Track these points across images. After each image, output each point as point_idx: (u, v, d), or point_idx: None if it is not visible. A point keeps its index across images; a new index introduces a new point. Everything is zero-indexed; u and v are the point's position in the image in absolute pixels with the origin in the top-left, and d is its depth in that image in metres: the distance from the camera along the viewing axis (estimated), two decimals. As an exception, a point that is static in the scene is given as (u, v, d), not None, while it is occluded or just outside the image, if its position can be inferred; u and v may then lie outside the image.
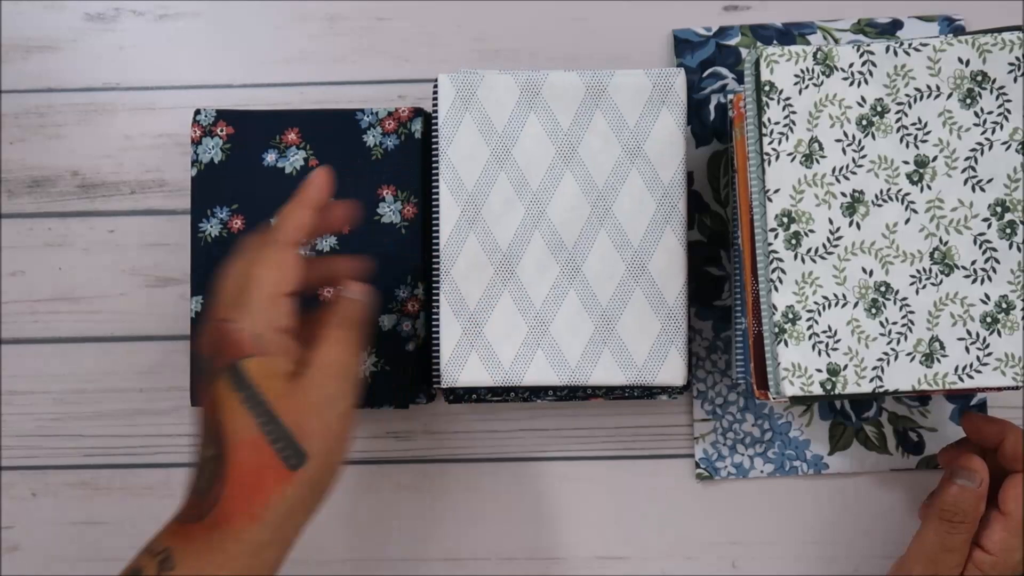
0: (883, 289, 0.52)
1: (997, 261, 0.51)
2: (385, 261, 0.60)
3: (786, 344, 0.51)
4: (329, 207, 0.52)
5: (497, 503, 0.63)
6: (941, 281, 0.51)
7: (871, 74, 0.52)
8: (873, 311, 0.51)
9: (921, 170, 0.52)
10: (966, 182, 0.51)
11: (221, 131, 0.60)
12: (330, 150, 0.61)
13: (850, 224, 0.52)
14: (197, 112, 0.61)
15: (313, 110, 0.61)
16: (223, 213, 0.60)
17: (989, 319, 0.51)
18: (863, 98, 0.52)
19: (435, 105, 0.58)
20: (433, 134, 0.59)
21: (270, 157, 0.60)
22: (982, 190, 0.51)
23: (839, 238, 0.52)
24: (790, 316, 0.52)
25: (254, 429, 0.46)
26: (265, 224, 0.60)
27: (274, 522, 0.46)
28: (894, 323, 0.51)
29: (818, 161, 0.52)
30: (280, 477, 0.46)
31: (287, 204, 0.51)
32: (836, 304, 0.52)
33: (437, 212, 0.58)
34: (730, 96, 0.61)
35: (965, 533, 0.52)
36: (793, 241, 0.52)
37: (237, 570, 0.46)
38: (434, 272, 0.59)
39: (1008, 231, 0.51)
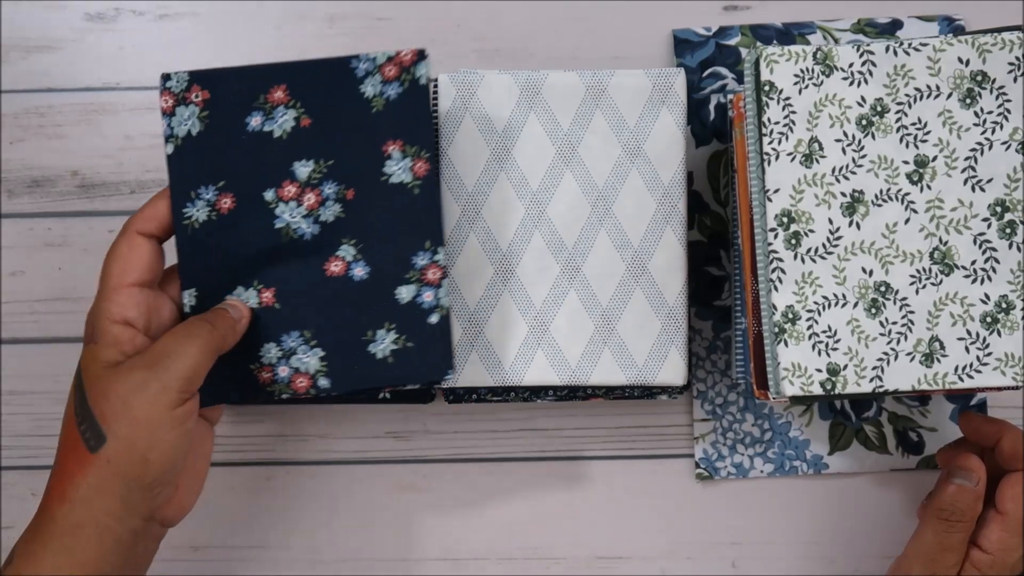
0: (883, 289, 0.52)
1: (997, 261, 0.51)
2: (397, 226, 0.53)
3: (786, 344, 0.51)
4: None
5: (497, 503, 0.63)
6: (941, 281, 0.51)
7: (871, 74, 0.52)
8: (873, 311, 0.51)
9: (921, 170, 0.52)
10: (966, 182, 0.51)
11: (196, 97, 0.53)
12: (323, 106, 0.53)
13: (850, 224, 0.52)
14: (166, 78, 0.53)
15: (301, 61, 0.54)
16: (209, 193, 0.53)
17: (989, 319, 0.51)
18: (863, 98, 0.52)
19: (435, 105, 0.58)
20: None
21: (255, 121, 0.53)
22: (982, 190, 0.51)
23: (839, 238, 0.52)
24: (790, 316, 0.52)
25: (70, 410, 0.48)
26: (258, 200, 0.53)
27: (80, 503, 0.46)
28: (894, 323, 0.51)
29: (818, 161, 0.52)
30: (81, 457, 0.47)
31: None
32: (836, 304, 0.52)
33: None
34: (730, 96, 0.61)
35: (963, 532, 0.52)
36: (793, 241, 0.52)
37: (53, 550, 0.46)
38: None
39: (1008, 231, 0.51)
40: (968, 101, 0.52)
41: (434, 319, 0.53)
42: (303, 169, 0.54)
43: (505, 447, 0.63)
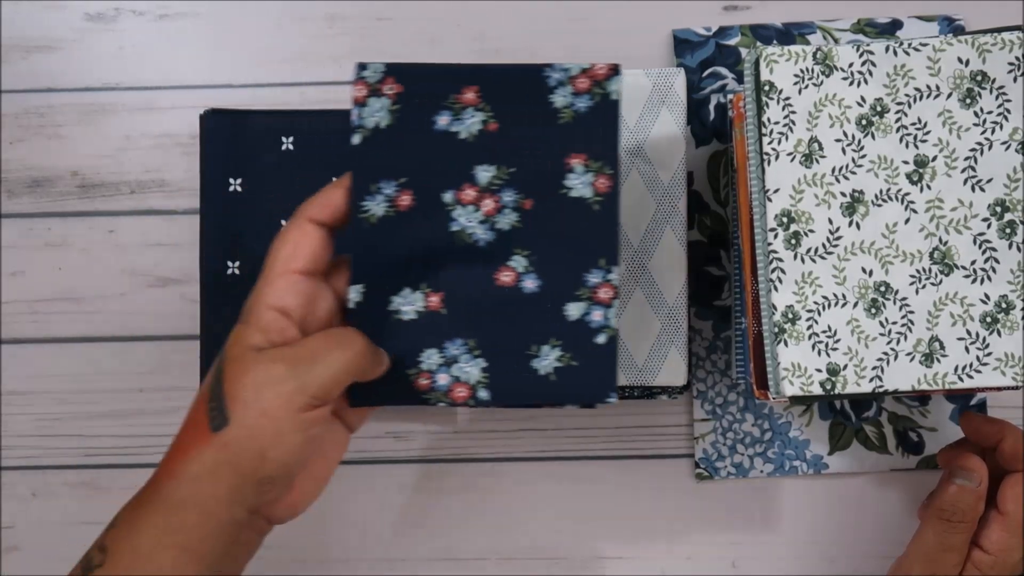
0: (883, 289, 0.52)
1: (997, 261, 0.51)
2: (573, 241, 0.52)
3: (786, 344, 0.51)
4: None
5: (497, 503, 0.63)
6: (941, 281, 0.51)
7: (871, 74, 0.52)
8: (873, 311, 0.51)
9: (921, 170, 0.52)
10: (966, 182, 0.51)
11: (389, 89, 0.52)
12: (512, 111, 0.52)
13: (850, 224, 0.52)
14: (362, 67, 0.52)
15: (495, 64, 0.53)
16: (389, 188, 0.51)
17: (989, 319, 0.51)
18: (863, 98, 0.52)
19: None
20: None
21: (443, 120, 0.52)
22: (982, 190, 0.51)
23: (839, 238, 0.52)
24: (790, 316, 0.52)
25: (205, 388, 0.46)
26: (436, 200, 0.52)
27: (189, 480, 0.45)
28: (894, 323, 0.51)
29: (818, 161, 0.52)
30: (201, 434, 0.45)
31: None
32: (836, 304, 0.52)
33: None
34: (730, 96, 0.61)
35: (964, 533, 0.52)
36: (793, 241, 0.52)
37: (155, 524, 0.45)
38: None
39: (1008, 231, 0.51)
40: (968, 101, 0.52)
41: (601, 339, 0.51)
42: (485, 174, 0.52)
43: (505, 447, 0.63)
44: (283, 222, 0.61)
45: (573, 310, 0.51)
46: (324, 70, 0.65)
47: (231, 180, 0.62)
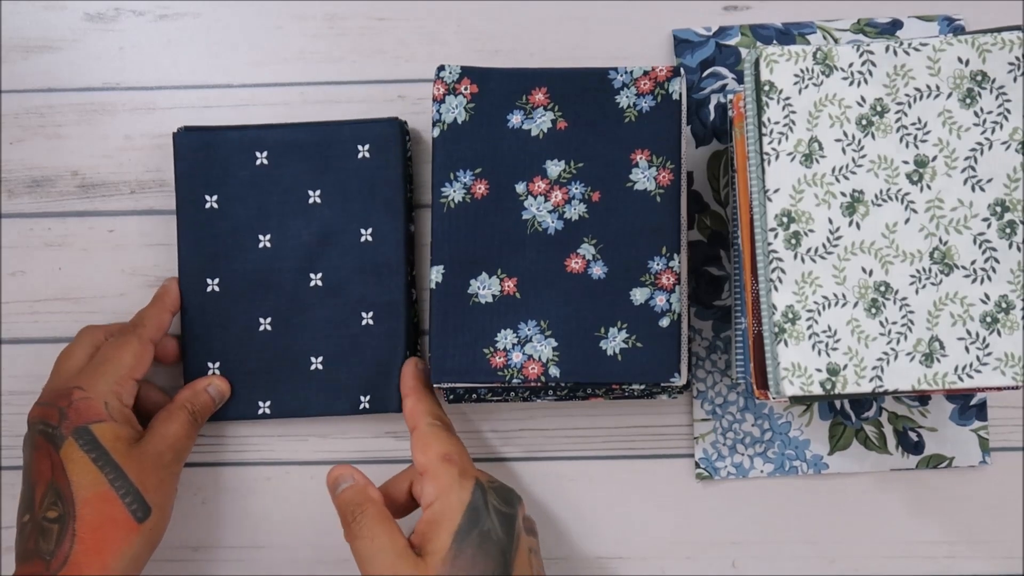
0: (883, 289, 0.52)
1: (997, 261, 0.51)
2: (638, 230, 0.56)
3: (786, 344, 0.51)
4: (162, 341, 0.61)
5: (497, 503, 0.63)
6: (941, 281, 0.51)
7: (871, 74, 0.52)
8: (873, 311, 0.51)
9: (921, 170, 0.52)
10: (966, 182, 0.51)
11: (465, 89, 0.57)
12: (579, 111, 0.57)
13: (850, 224, 0.52)
14: (440, 68, 0.58)
15: (562, 68, 0.58)
16: (466, 177, 0.57)
17: (989, 319, 0.51)
18: (863, 98, 0.52)
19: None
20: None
21: (515, 118, 0.57)
22: (982, 190, 0.51)
23: (839, 238, 0.52)
24: (790, 316, 0.52)
25: (104, 485, 0.52)
26: (510, 191, 0.57)
27: (121, 572, 0.51)
28: (894, 323, 0.51)
29: (818, 161, 0.52)
30: (129, 529, 0.52)
31: (148, 305, 0.60)
32: (836, 304, 0.52)
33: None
34: (730, 96, 0.61)
35: None
36: (793, 241, 0.52)
37: None
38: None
39: (1008, 231, 0.51)
40: (968, 101, 0.52)
41: (664, 323, 0.56)
42: (554, 168, 0.57)
43: (505, 447, 0.63)
44: (260, 237, 0.61)
45: (638, 295, 0.56)
46: (324, 70, 0.65)
47: (207, 197, 0.62)
